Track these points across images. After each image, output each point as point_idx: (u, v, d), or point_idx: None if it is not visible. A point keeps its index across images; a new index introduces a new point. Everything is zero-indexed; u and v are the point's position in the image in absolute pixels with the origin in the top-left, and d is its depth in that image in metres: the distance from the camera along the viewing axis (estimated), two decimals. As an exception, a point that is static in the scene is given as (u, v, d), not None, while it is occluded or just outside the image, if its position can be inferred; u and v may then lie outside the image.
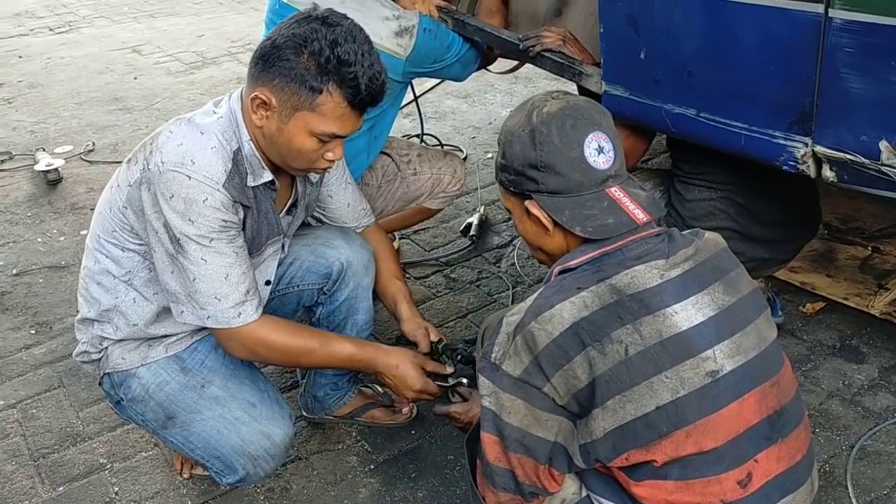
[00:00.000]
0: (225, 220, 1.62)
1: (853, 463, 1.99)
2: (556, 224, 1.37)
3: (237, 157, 1.65)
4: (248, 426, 1.80)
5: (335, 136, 1.63)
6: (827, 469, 1.99)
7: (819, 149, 1.66)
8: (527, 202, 1.40)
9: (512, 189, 1.42)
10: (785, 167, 1.74)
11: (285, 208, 1.87)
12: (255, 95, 1.60)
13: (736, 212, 2.13)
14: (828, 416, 2.15)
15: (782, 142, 1.72)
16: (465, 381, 1.85)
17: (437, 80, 4.64)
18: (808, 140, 1.68)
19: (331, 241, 1.99)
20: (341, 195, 2.03)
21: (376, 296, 2.10)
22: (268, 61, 1.58)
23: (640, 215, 1.34)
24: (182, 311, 1.69)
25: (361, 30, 1.62)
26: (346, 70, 1.56)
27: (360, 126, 1.68)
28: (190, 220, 1.59)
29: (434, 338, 1.96)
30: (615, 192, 1.36)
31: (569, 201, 1.35)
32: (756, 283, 1.44)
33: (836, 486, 1.95)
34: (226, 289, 1.65)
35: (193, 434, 1.82)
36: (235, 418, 1.80)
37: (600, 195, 1.35)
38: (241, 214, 1.68)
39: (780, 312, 2.47)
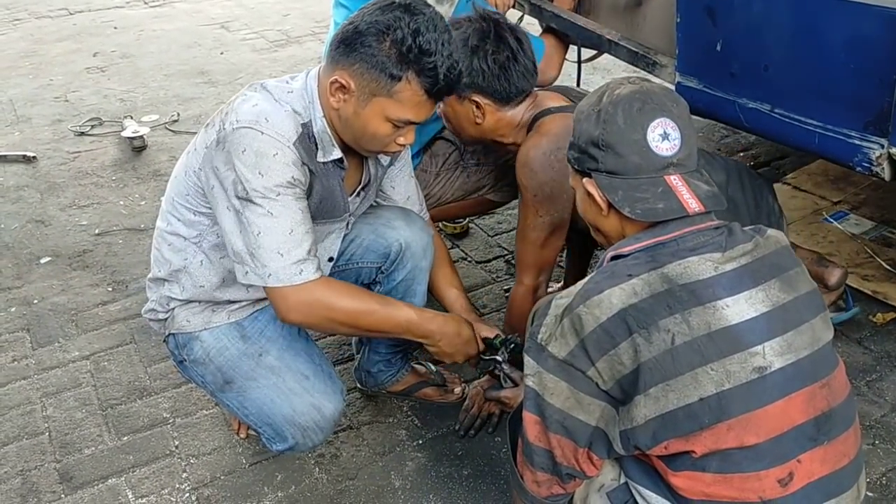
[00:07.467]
0: (293, 178, 1.65)
1: (912, 478, 1.94)
2: (611, 206, 1.38)
3: (307, 130, 1.69)
4: (300, 397, 1.85)
5: (410, 123, 1.67)
6: (883, 482, 1.93)
7: (895, 150, 1.62)
8: (585, 180, 1.41)
9: (576, 167, 1.43)
10: (859, 168, 1.70)
11: (356, 191, 1.91)
12: (335, 79, 1.63)
13: None
14: (889, 428, 2.08)
15: (857, 142, 1.68)
16: (510, 351, 1.95)
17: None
18: (884, 141, 1.63)
19: (391, 221, 2.02)
20: (403, 187, 2.07)
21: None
22: (349, 46, 1.61)
23: (694, 205, 1.32)
24: (246, 272, 1.70)
25: (442, 18, 1.63)
26: (426, 60, 1.58)
27: (433, 113, 1.70)
28: (260, 172, 1.61)
29: (486, 333, 1.98)
30: (673, 179, 1.34)
31: (624, 183, 1.35)
32: (815, 284, 1.41)
33: (892, 499, 1.89)
34: (289, 244, 1.66)
35: (248, 400, 1.87)
36: (289, 388, 1.85)
37: (657, 180, 1.34)
38: (308, 179, 1.71)
39: (851, 304, 2.38)
